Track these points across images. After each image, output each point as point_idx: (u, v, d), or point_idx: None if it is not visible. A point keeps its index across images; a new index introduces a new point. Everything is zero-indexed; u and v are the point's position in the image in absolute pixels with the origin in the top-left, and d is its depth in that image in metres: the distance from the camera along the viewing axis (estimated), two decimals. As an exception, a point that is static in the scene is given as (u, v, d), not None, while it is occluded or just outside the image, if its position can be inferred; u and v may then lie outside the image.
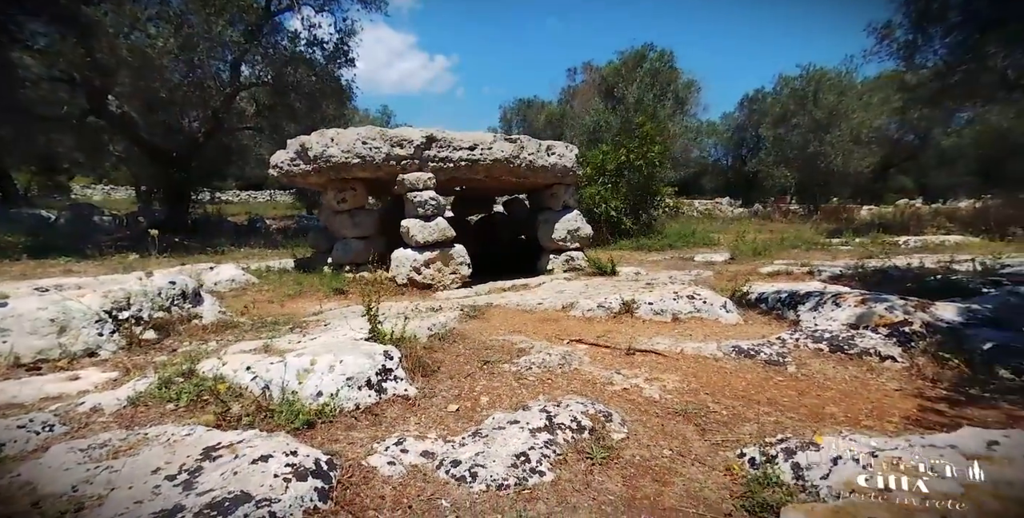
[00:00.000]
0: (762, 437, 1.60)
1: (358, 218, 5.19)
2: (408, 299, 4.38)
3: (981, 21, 7.76)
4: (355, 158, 4.63)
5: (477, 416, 1.76)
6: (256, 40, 11.10)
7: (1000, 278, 3.22)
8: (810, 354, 2.40)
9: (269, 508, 1.00)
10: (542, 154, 5.83)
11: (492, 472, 1.33)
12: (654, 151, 9.02)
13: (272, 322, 2.90)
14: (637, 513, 1.26)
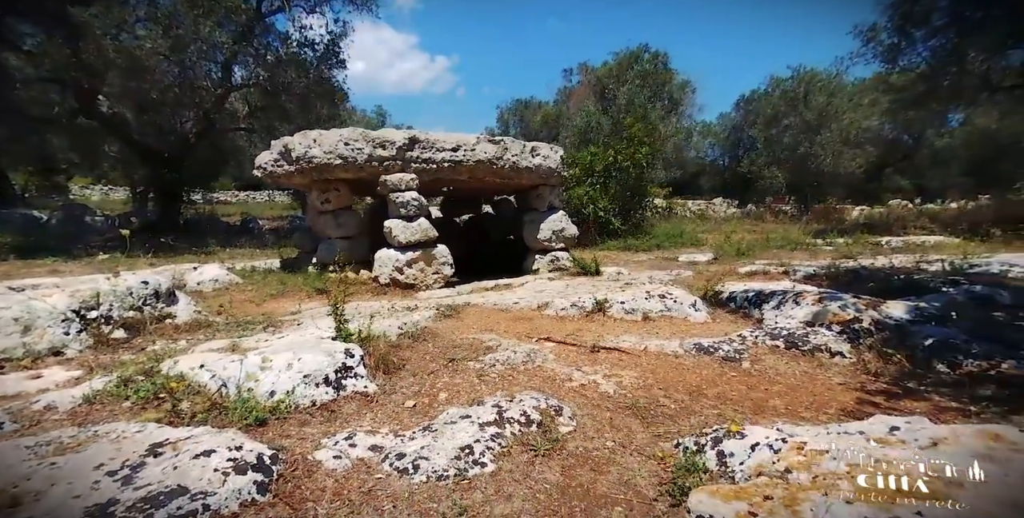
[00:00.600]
0: (701, 429, 1.67)
1: (342, 218, 5.24)
2: (388, 299, 4.44)
3: (961, 25, 7.89)
4: (337, 159, 4.69)
5: (433, 412, 1.82)
6: (247, 41, 11.13)
7: (960, 277, 3.31)
8: (766, 350, 2.48)
9: (204, 501, 1.05)
10: (526, 155, 5.89)
11: (434, 464, 1.39)
12: (641, 152, 9.11)
13: (247, 322, 2.95)
14: (568, 500, 1.32)
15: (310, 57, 11.52)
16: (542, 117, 24.12)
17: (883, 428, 1.27)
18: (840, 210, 14.62)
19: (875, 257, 5.75)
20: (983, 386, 1.81)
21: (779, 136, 18.22)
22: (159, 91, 9.66)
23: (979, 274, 3.86)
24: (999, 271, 3.78)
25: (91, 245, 9.18)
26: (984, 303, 2.74)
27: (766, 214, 16.21)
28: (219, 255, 7.93)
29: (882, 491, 0.99)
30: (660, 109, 14.81)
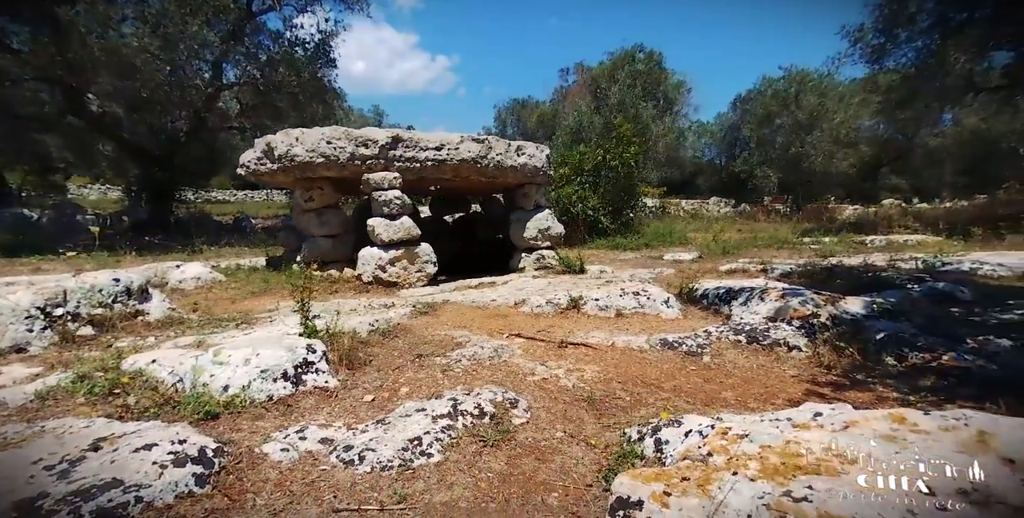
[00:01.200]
0: (649, 419, 1.71)
1: (325, 217, 5.27)
2: (369, 297, 4.47)
3: (944, 27, 7.98)
4: (319, 157, 4.71)
5: (391, 406, 1.86)
6: (238, 40, 11.12)
7: (926, 276, 3.37)
8: (729, 345, 2.53)
9: (137, 493, 1.08)
10: (511, 154, 5.93)
11: (380, 455, 1.43)
12: (630, 152, 9.16)
13: (222, 319, 2.98)
14: (508, 487, 1.37)
15: (301, 56, 11.51)
16: (538, 116, 24.17)
17: (808, 414, 1.32)
18: (832, 209, 14.74)
19: (855, 256, 5.82)
20: (925, 377, 1.86)
21: (771, 136, 18.35)
22: (149, 90, 9.64)
23: (949, 272, 3.93)
24: (969, 269, 3.85)
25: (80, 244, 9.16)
26: (945, 299, 2.80)
27: (758, 213, 16.33)
28: (206, 253, 7.93)
29: (784, 469, 1.03)
30: (652, 108, 14.86)
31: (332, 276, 5.19)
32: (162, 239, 9.87)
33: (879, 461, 1.01)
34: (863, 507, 0.91)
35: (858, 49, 9.57)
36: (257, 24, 11.72)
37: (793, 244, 8.25)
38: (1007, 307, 2.50)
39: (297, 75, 11.22)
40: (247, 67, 11.83)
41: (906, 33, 8.61)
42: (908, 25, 8.54)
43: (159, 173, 12.12)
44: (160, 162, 12.08)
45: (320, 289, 4.83)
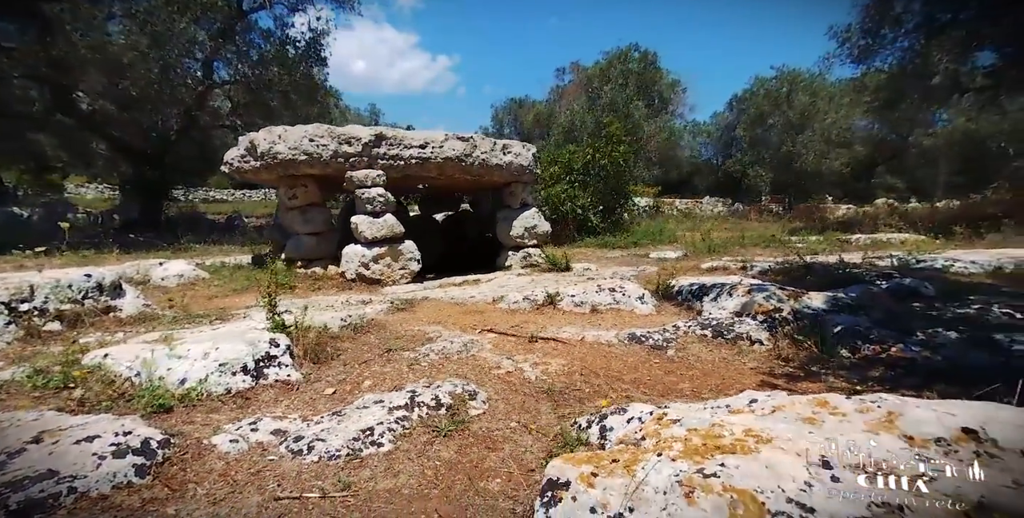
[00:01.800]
0: (602, 409, 1.75)
1: (309, 214, 5.28)
2: (351, 293, 4.49)
3: (929, 28, 8.06)
4: (302, 155, 4.72)
5: (351, 398, 1.88)
6: (229, 38, 11.09)
7: (895, 272, 3.42)
8: (695, 339, 2.57)
9: (71, 484, 1.09)
10: (496, 153, 5.95)
11: (330, 445, 1.45)
12: (619, 151, 9.20)
13: (197, 315, 2.99)
14: (454, 474, 1.40)
15: (292, 55, 11.49)
16: (534, 116, 24.22)
17: (745, 401, 1.36)
18: (823, 209, 14.85)
19: (837, 253, 5.88)
20: (875, 368, 1.91)
21: (764, 136, 18.45)
22: (139, 88, 9.60)
23: (923, 269, 3.99)
24: (942, 266, 3.90)
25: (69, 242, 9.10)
26: (910, 295, 2.85)
27: (750, 213, 16.44)
28: (194, 251, 7.92)
29: (704, 449, 1.07)
30: (644, 108, 14.92)
31: (316, 273, 5.20)
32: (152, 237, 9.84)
33: (790, 440, 1.05)
34: (764, 479, 0.95)
35: (846, 49, 9.66)
36: (248, 22, 11.70)
37: (780, 243, 8.31)
38: (966, 302, 2.55)
39: (288, 73, 11.20)
40: (238, 65, 11.81)
41: (891, 34, 8.69)
42: (894, 25, 8.62)
43: (150, 172, 12.08)
44: (151, 161, 12.04)
45: (303, 286, 4.85)
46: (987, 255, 4.25)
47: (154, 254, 7.34)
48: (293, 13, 11.48)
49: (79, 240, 9.45)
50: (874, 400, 1.18)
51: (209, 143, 14.77)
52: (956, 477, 0.89)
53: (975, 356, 1.80)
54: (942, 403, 1.11)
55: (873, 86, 10.31)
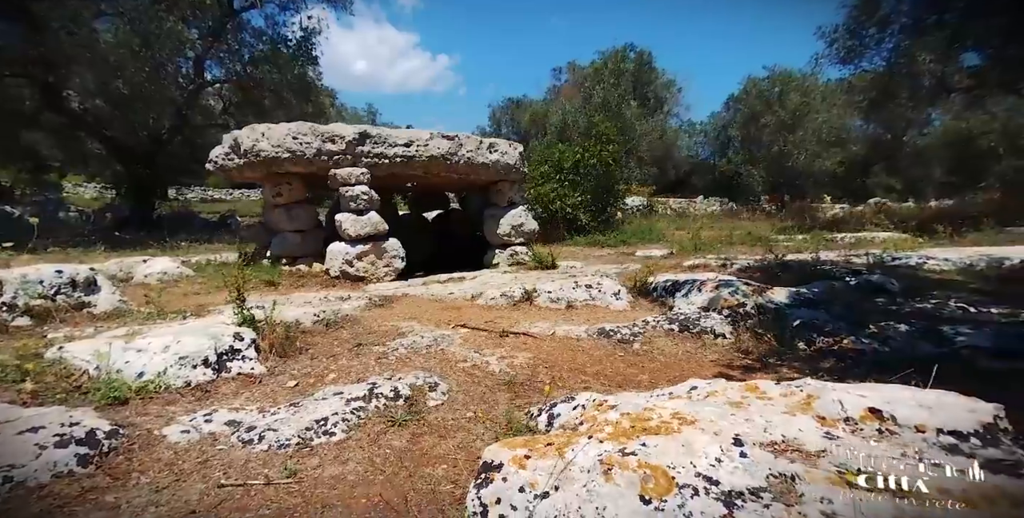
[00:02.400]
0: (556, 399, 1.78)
1: (294, 212, 5.30)
2: (334, 290, 4.51)
3: (913, 28, 8.14)
4: (285, 153, 4.74)
5: (312, 390, 1.91)
6: (221, 37, 11.08)
7: (870, 269, 3.48)
8: (662, 333, 2.61)
9: (7, 473, 1.11)
10: (482, 152, 5.98)
11: (281, 435, 1.48)
12: (608, 150, 9.25)
13: (171, 312, 3.01)
14: (402, 461, 1.43)
15: (283, 54, 11.49)
16: (530, 116, 24.23)
17: (687, 389, 1.40)
18: (815, 208, 14.95)
19: (820, 252, 5.94)
20: (827, 359, 1.95)
21: (757, 135, 18.54)
22: (129, 86, 9.58)
23: (898, 266, 4.05)
24: (916, 263, 3.97)
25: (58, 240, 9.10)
26: (876, 290, 2.90)
27: (743, 212, 16.54)
28: (184, 250, 7.91)
29: (631, 431, 1.12)
30: (637, 108, 14.97)
31: (300, 271, 5.22)
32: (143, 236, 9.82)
33: (712, 422, 1.10)
34: (678, 456, 1.00)
35: (834, 50, 9.74)
36: (240, 21, 11.68)
37: (767, 241, 8.37)
38: (927, 297, 2.60)
39: (279, 72, 11.20)
40: (229, 64, 11.80)
41: (877, 34, 8.77)
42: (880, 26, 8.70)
43: (141, 170, 12.05)
44: (142, 159, 12.01)
45: (287, 283, 4.87)
46: (962, 253, 4.32)
47: (142, 252, 7.33)
48: (284, 12, 11.48)
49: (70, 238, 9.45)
50: (799, 385, 1.23)
51: (202, 142, 14.72)
52: (849, 451, 0.94)
53: (922, 347, 1.85)
54: (856, 386, 1.16)
55: (860, 86, 10.39)
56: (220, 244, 9.29)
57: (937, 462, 0.93)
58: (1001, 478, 0.86)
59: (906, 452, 0.96)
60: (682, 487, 0.97)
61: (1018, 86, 8.16)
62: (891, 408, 1.06)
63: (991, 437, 0.98)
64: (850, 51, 9.17)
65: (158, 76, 9.83)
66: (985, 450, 0.95)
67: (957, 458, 0.94)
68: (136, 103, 10.76)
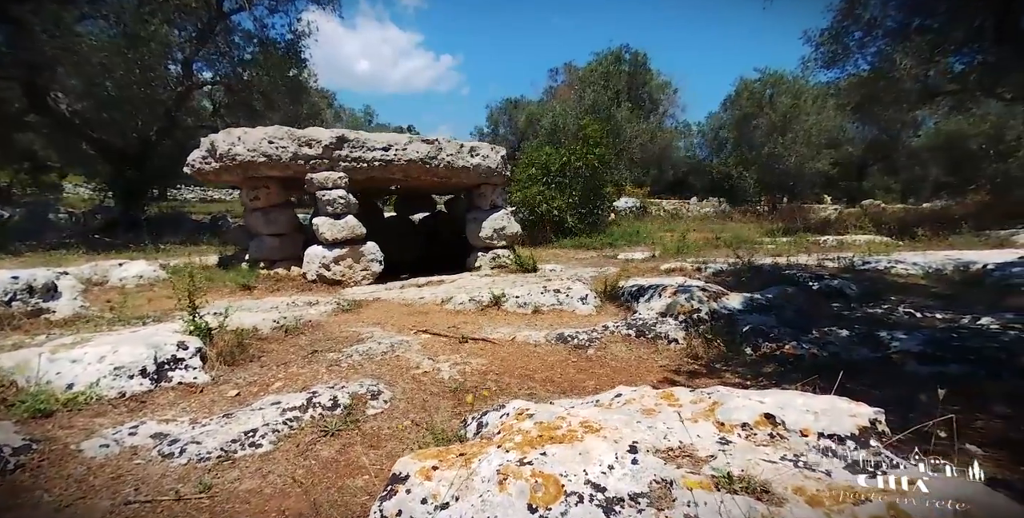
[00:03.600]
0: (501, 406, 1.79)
1: (272, 215, 5.29)
2: (309, 294, 4.50)
3: (897, 33, 8.21)
4: (261, 157, 4.74)
5: (253, 400, 1.90)
6: (210, 39, 11.07)
7: (824, 273, 3.50)
8: (619, 338, 2.62)
9: None
10: (463, 155, 5.99)
11: (204, 448, 1.47)
12: (595, 153, 9.28)
13: (133, 317, 3.00)
14: (326, 472, 1.43)
15: (272, 55, 11.49)
16: (526, 116, 24.29)
17: (611, 396, 1.42)
18: (806, 209, 15.01)
19: (798, 255, 5.97)
20: (769, 364, 1.97)
21: (748, 137, 18.62)
22: (117, 88, 9.56)
23: (867, 270, 4.07)
24: (884, 267, 3.99)
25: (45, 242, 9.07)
26: (834, 294, 2.92)
27: (735, 213, 16.61)
28: (168, 252, 7.89)
29: (539, 440, 1.13)
30: (628, 110, 15.02)
31: (278, 274, 5.21)
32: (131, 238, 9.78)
33: (617, 429, 1.12)
34: (573, 465, 1.03)
35: (821, 53, 9.81)
36: (229, 24, 11.67)
37: (751, 244, 8.40)
38: (881, 302, 2.62)
39: (268, 74, 11.19)
40: (219, 67, 11.80)
41: (862, 39, 8.84)
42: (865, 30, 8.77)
43: (130, 172, 12.02)
44: (131, 161, 11.98)
45: (262, 287, 4.86)
46: (933, 257, 4.35)
47: (126, 255, 7.31)
48: (273, 14, 11.48)
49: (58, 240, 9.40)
50: (709, 392, 1.25)
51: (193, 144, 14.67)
52: (732, 456, 0.96)
53: (859, 351, 1.87)
54: (758, 392, 1.18)
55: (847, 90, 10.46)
56: (207, 246, 9.26)
57: (809, 464, 0.96)
58: (857, 478, 0.90)
59: (786, 455, 0.98)
60: (569, 495, 0.99)
61: (999, 90, 8.24)
62: (783, 414, 1.08)
63: (864, 440, 1.01)
64: (834, 56, 9.24)
65: (146, 78, 9.81)
66: (856, 452, 0.98)
67: (830, 460, 0.97)
68: (123, 105, 10.74)
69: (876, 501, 0.84)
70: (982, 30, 7.71)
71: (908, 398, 1.21)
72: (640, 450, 1.06)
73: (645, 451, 1.06)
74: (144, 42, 8.40)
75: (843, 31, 8.56)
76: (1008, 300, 2.75)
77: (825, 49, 9.56)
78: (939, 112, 10.51)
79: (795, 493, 0.88)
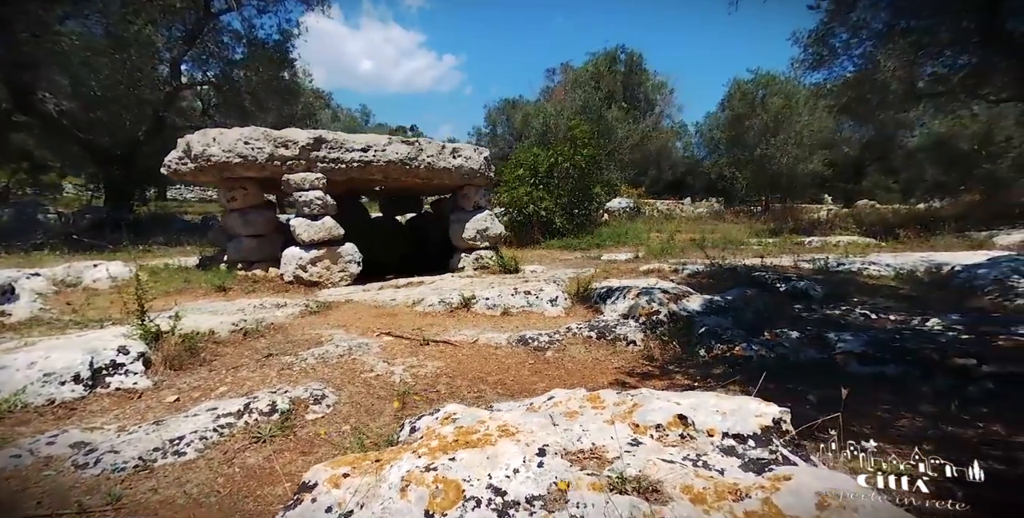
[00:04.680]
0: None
1: (250, 216, 5.25)
2: (279, 297, 4.46)
3: (880, 35, 8.24)
4: (236, 158, 4.70)
5: (191, 406, 1.87)
6: (198, 39, 11.03)
7: (792, 275, 3.49)
8: (581, 340, 2.60)
9: None
10: (444, 157, 5.97)
11: (122, 457, 1.44)
12: (581, 154, 9.27)
13: (92, 320, 2.96)
14: (247, 480, 1.40)
15: (261, 56, 11.45)
16: (523, 117, 24.32)
17: (544, 399, 1.41)
18: (799, 210, 15.05)
19: (780, 256, 5.97)
20: (719, 365, 1.95)
21: (741, 138, 18.66)
22: (103, 88, 9.50)
23: (840, 271, 4.07)
24: (858, 269, 3.99)
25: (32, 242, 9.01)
26: (800, 296, 2.91)
27: (727, 214, 16.66)
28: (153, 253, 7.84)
29: (454, 445, 1.13)
30: (618, 110, 15.04)
31: (256, 276, 5.18)
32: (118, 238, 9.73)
33: (532, 433, 1.12)
34: (478, 469, 1.02)
35: (809, 55, 9.84)
36: (218, 24, 11.63)
37: (738, 245, 8.41)
38: (842, 303, 2.62)
39: (255, 75, 11.16)
40: (207, 67, 11.76)
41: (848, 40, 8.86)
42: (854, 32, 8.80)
43: (118, 172, 11.96)
44: (119, 161, 11.92)
45: (238, 288, 4.82)
46: (908, 258, 4.35)
47: (107, 255, 7.25)
48: (262, 14, 11.45)
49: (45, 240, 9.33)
50: (633, 395, 1.24)
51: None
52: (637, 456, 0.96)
53: (806, 352, 1.86)
54: (676, 394, 1.18)
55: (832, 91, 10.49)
56: (193, 246, 9.21)
57: (708, 463, 0.96)
58: (747, 475, 0.91)
59: (689, 455, 0.98)
60: (467, 500, 0.98)
61: (984, 92, 8.27)
62: (695, 415, 1.07)
63: (766, 438, 1.01)
64: (820, 57, 9.27)
65: (132, 78, 9.76)
66: (754, 451, 0.98)
67: (728, 459, 0.96)
68: (110, 105, 10.68)
69: (754, 497, 0.85)
70: (967, 32, 7.76)
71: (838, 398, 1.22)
72: (549, 453, 1.05)
73: (554, 454, 1.05)
74: (128, 43, 8.36)
75: (828, 33, 8.58)
76: (967, 301, 2.75)
77: (812, 50, 9.60)
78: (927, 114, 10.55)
79: (682, 492, 0.90)
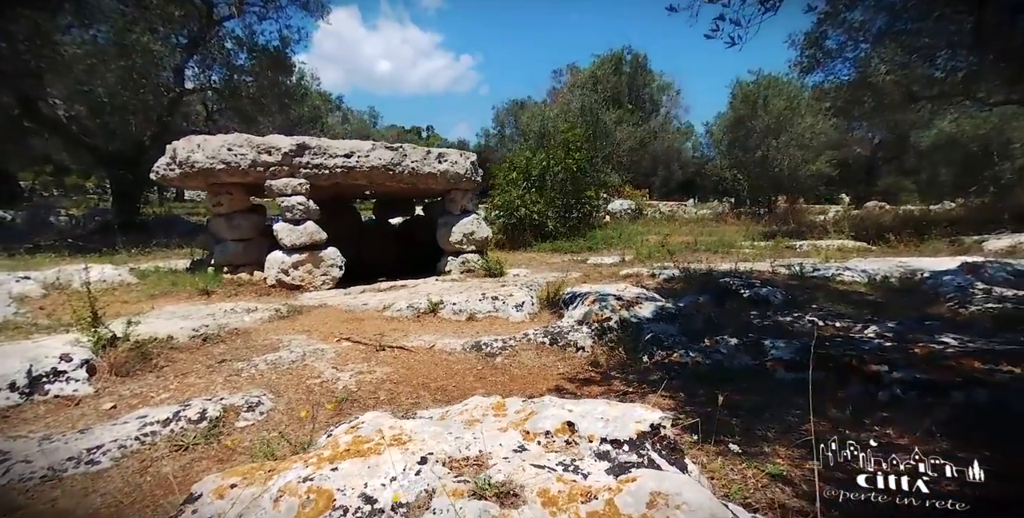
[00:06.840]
0: (363, 420, 1.79)
1: (236, 221, 5.35)
2: (265, 300, 4.54)
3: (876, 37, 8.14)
4: (220, 164, 4.80)
5: (125, 413, 1.89)
6: (201, 46, 11.29)
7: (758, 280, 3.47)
8: (533, 346, 2.61)
9: None
10: (430, 162, 6.02)
11: (32, 467, 1.46)
12: (574, 157, 9.28)
13: (63, 324, 3.05)
14: (157, 490, 1.43)
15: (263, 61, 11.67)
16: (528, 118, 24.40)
17: (461, 406, 1.45)
18: (802, 211, 14.87)
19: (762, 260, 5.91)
20: (657, 372, 1.96)
21: (743, 139, 18.51)
22: (109, 95, 9.77)
23: (815, 277, 4.03)
24: (832, 275, 3.95)
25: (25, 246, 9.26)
26: (760, 302, 2.89)
27: (728, 215, 16.53)
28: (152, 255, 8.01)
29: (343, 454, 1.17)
30: (616, 113, 15.02)
31: (241, 279, 5.27)
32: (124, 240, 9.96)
33: (424, 441, 1.17)
34: (355, 479, 1.05)
35: (805, 57, 9.75)
36: (221, 30, 11.87)
37: (730, 248, 8.34)
38: (797, 310, 2.59)
39: (256, 80, 11.37)
40: (210, 72, 12.01)
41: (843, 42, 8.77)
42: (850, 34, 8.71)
43: (124, 176, 12.26)
44: (125, 165, 12.21)
45: (222, 292, 4.91)
46: (885, 264, 4.29)
47: (106, 258, 7.42)
48: (262, 21, 11.67)
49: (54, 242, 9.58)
50: (536, 402, 1.27)
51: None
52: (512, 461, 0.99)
53: (740, 359, 1.86)
54: (570, 402, 1.21)
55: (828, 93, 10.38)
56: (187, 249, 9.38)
57: (578, 467, 0.99)
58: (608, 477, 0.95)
59: (564, 460, 1.01)
60: (336, 509, 1.01)
61: (979, 95, 8.13)
62: (581, 421, 1.10)
63: (639, 443, 1.03)
64: (815, 60, 9.19)
65: (136, 85, 10.00)
66: (625, 455, 1.01)
67: (599, 463, 0.99)
68: (116, 111, 10.95)
69: (600, 498, 0.87)
70: (960, 35, 7.63)
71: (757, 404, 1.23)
72: (430, 461, 1.09)
73: (435, 462, 1.08)
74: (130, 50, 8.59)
75: (822, 36, 8.50)
76: (928, 308, 2.70)
77: (807, 53, 9.52)
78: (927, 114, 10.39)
79: (538, 495, 0.94)
